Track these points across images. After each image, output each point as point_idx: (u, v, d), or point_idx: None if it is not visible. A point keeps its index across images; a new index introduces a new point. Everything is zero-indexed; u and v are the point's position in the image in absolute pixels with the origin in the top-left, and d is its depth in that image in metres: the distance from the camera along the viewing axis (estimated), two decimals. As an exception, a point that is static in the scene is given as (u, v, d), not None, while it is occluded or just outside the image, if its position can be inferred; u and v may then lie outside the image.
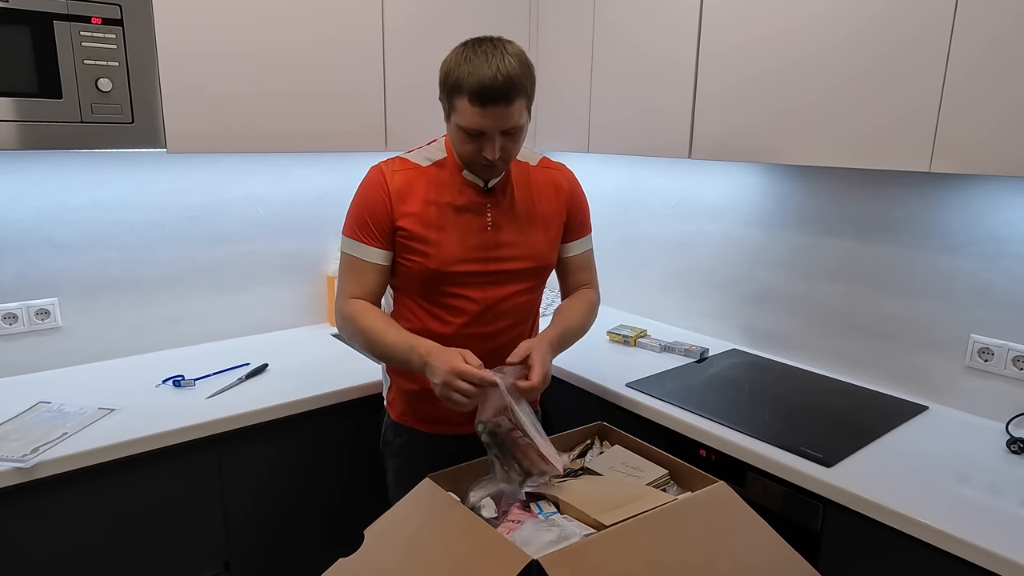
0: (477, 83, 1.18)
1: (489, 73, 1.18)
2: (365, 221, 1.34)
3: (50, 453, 1.34)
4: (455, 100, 1.24)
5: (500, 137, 1.25)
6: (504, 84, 1.18)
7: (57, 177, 1.74)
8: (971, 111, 1.25)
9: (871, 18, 1.38)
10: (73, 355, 1.83)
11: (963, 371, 1.62)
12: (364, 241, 1.34)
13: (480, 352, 1.36)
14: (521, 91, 1.22)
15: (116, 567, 1.46)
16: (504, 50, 1.21)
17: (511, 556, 0.94)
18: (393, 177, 1.35)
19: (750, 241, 2.03)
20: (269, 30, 1.67)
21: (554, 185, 1.46)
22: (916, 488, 1.26)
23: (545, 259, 1.44)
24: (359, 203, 1.36)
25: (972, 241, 1.58)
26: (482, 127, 1.23)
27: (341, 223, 2.21)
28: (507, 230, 1.39)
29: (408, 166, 1.37)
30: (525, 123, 1.28)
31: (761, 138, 1.59)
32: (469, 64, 1.20)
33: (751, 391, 1.72)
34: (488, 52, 1.20)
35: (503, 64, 1.18)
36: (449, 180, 1.36)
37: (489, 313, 1.40)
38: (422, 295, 1.40)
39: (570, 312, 1.45)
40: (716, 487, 1.14)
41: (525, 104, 1.25)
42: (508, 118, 1.22)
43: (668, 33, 1.76)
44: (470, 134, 1.25)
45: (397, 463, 1.53)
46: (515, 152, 1.32)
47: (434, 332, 1.39)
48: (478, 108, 1.20)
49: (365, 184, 1.37)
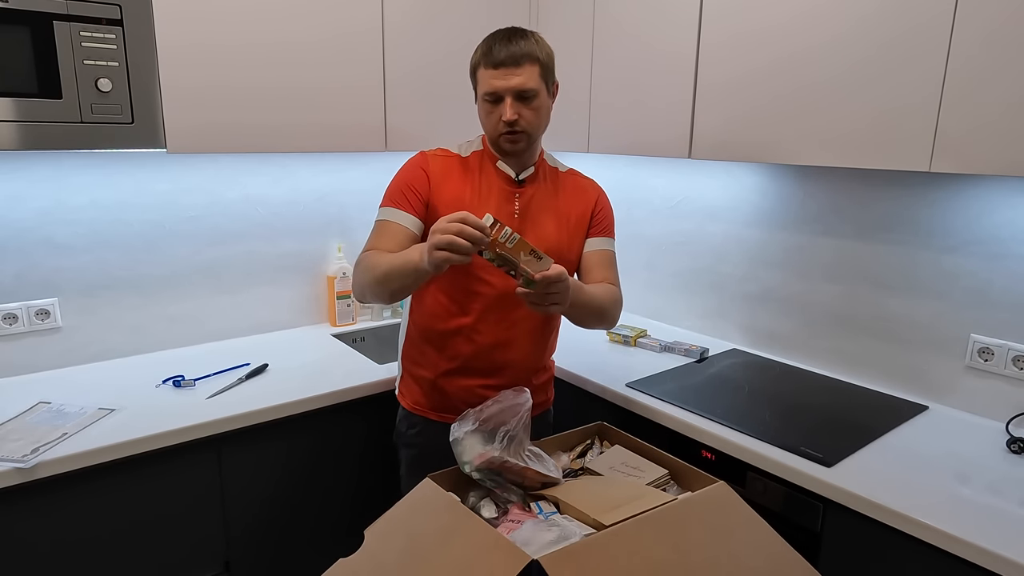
0: (490, 46, 1.34)
1: (503, 38, 1.34)
2: (403, 190, 1.41)
3: (50, 453, 1.34)
4: (477, 74, 1.38)
5: (515, 103, 1.34)
6: (513, 48, 1.32)
7: (57, 177, 1.74)
8: (972, 111, 1.25)
9: (870, 18, 1.38)
10: (73, 355, 1.83)
11: (963, 371, 1.62)
12: (399, 206, 1.41)
13: (495, 339, 1.45)
14: (530, 56, 1.33)
15: (116, 567, 1.46)
16: (524, 33, 1.36)
17: (511, 556, 0.94)
18: (434, 159, 1.45)
19: (750, 241, 2.03)
20: (269, 31, 1.67)
21: (581, 188, 1.54)
22: (916, 488, 1.26)
23: (566, 254, 1.48)
24: (400, 176, 1.44)
25: (972, 241, 1.58)
26: (495, 88, 1.33)
27: (341, 223, 2.23)
28: (532, 220, 1.45)
29: (448, 154, 1.47)
30: (541, 91, 1.36)
31: (761, 134, 1.59)
32: (488, 42, 1.36)
33: (751, 391, 1.72)
34: (508, 32, 1.36)
35: (515, 35, 1.34)
36: (484, 169, 1.45)
37: (506, 301, 1.43)
38: (446, 280, 1.44)
39: (591, 287, 1.43)
40: (716, 487, 1.14)
41: (538, 72, 1.35)
42: (519, 77, 1.32)
43: (668, 26, 1.76)
44: (490, 101, 1.36)
45: (410, 453, 1.57)
46: (536, 124, 1.39)
47: (454, 319, 1.45)
48: (491, 70, 1.33)
49: (407, 163, 1.46)
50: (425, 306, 1.48)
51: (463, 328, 1.44)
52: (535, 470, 1.21)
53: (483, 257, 1.16)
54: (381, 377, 1.75)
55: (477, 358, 1.46)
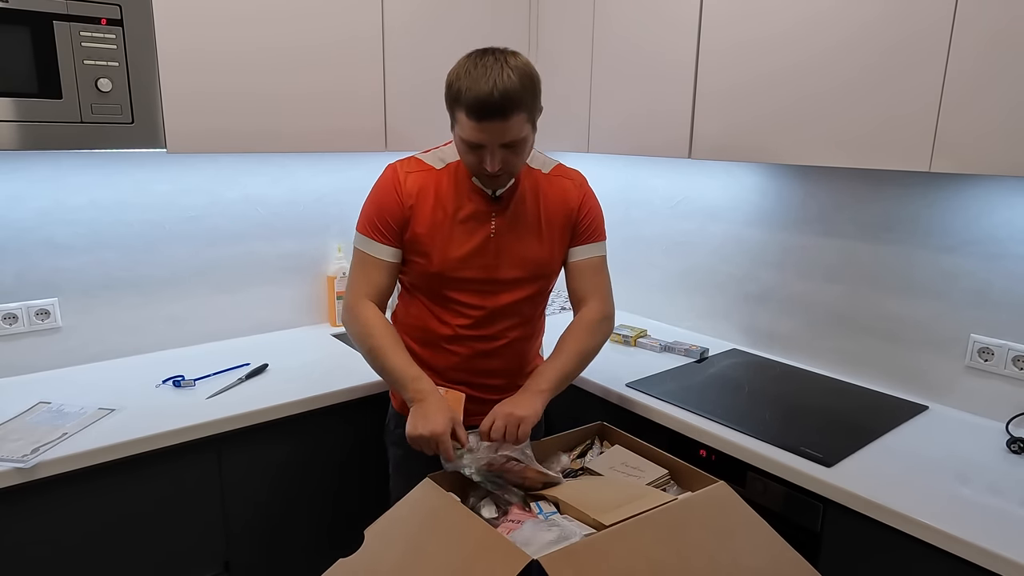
0: (474, 98, 1.19)
1: (486, 88, 1.18)
2: (376, 220, 1.37)
3: (50, 453, 1.34)
4: (456, 112, 1.25)
5: (500, 150, 1.26)
6: (500, 100, 1.18)
7: (57, 177, 1.74)
8: (971, 111, 1.25)
9: (871, 18, 1.38)
10: (73, 355, 1.83)
11: (963, 371, 1.62)
12: (376, 239, 1.37)
13: (476, 350, 1.42)
14: (518, 106, 1.21)
15: (116, 567, 1.46)
16: (505, 63, 1.20)
17: (511, 556, 0.94)
18: (407, 179, 1.37)
19: (750, 241, 2.03)
20: (269, 30, 1.66)
21: (564, 193, 1.45)
22: (916, 488, 1.26)
23: (547, 267, 1.44)
24: (372, 201, 1.39)
25: (972, 241, 1.58)
26: (480, 140, 1.24)
27: (341, 223, 2.23)
28: (510, 239, 1.39)
29: (422, 167, 1.39)
30: (527, 136, 1.28)
31: (761, 137, 1.59)
32: (468, 77, 1.20)
33: (751, 391, 1.72)
34: (488, 66, 1.20)
35: (501, 79, 1.18)
36: (459, 185, 1.38)
37: (490, 317, 1.42)
38: (426, 294, 1.43)
39: (563, 346, 1.41)
40: (716, 487, 1.15)
41: (526, 118, 1.25)
42: (505, 132, 1.23)
43: (668, 31, 1.76)
44: (471, 146, 1.27)
45: (398, 453, 1.56)
46: (519, 164, 1.32)
47: (434, 331, 1.43)
48: (475, 122, 1.22)
49: (380, 183, 1.39)
50: (410, 315, 1.47)
51: (445, 337, 1.43)
52: (536, 469, 1.21)
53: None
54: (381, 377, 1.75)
55: (460, 367, 1.45)
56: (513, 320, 1.44)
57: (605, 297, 1.47)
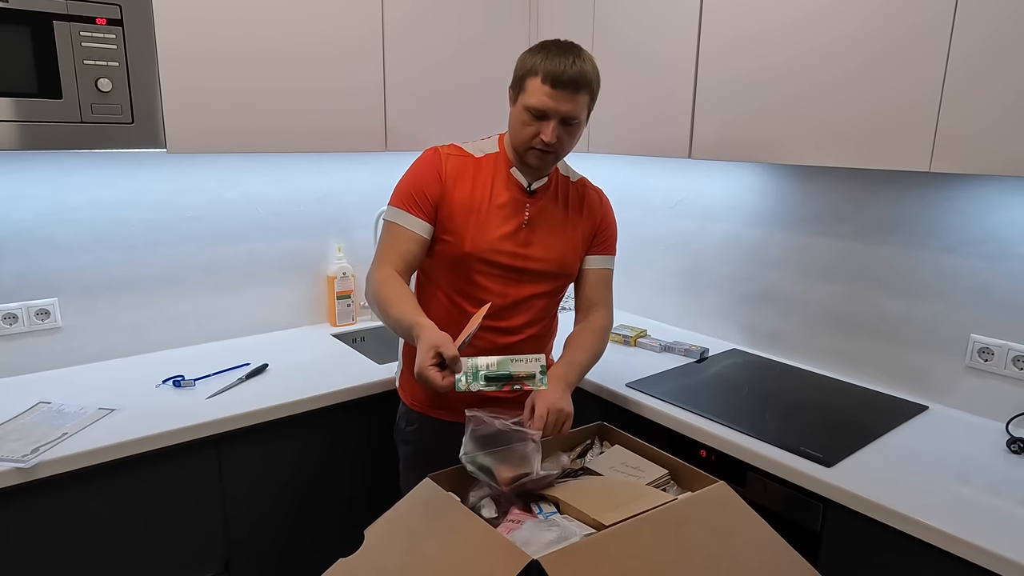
0: (553, 66, 1.29)
1: (567, 61, 1.29)
2: (414, 193, 1.40)
3: (50, 453, 1.34)
4: (527, 81, 1.32)
5: (559, 125, 1.32)
6: (577, 73, 1.29)
7: (57, 177, 1.74)
8: (972, 110, 1.25)
9: (871, 17, 1.38)
10: (73, 355, 1.83)
11: (963, 371, 1.62)
12: (409, 211, 1.39)
13: (494, 345, 1.45)
14: (588, 87, 1.31)
15: (116, 567, 1.46)
16: (581, 51, 1.32)
17: (511, 556, 0.94)
18: (448, 159, 1.42)
19: (750, 241, 2.03)
20: (269, 30, 1.66)
21: (588, 201, 1.52)
22: (916, 488, 1.26)
23: (568, 267, 1.49)
24: (411, 175, 1.42)
25: (972, 241, 1.58)
26: (547, 107, 1.30)
27: (341, 223, 2.23)
28: (539, 232, 1.44)
29: (463, 153, 1.44)
30: (582, 121, 1.35)
31: (761, 134, 1.59)
32: (547, 52, 1.31)
33: (751, 391, 1.72)
34: (566, 48, 1.32)
35: (579, 59, 1.30)
36: (497, 174, 1.43)
37: (507, 309, 1.44)
38: (448, 282, 1.44)
39: (579, 343, 1.46)
40: (716, 487, 1.14)
41: (588, 101, 1.34)
42: (572, 104, 1.30)
43: (668, 28, 1.76)
44: (533, 115, 1.32)
45: (408, 450, 1.57)
46: (568, 148, 1.38)
47: (453, 323, 1.43)
48: (548, 88, 1.29)
49: (420, 160, 1.44)
50: (427, 306, 1.48)
51: (462, 330, 1.44)
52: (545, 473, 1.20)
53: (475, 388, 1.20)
54: (381, 377, 1.75)
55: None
56: (530, 315, 1.47)
57: (611, 309, 1.55)
